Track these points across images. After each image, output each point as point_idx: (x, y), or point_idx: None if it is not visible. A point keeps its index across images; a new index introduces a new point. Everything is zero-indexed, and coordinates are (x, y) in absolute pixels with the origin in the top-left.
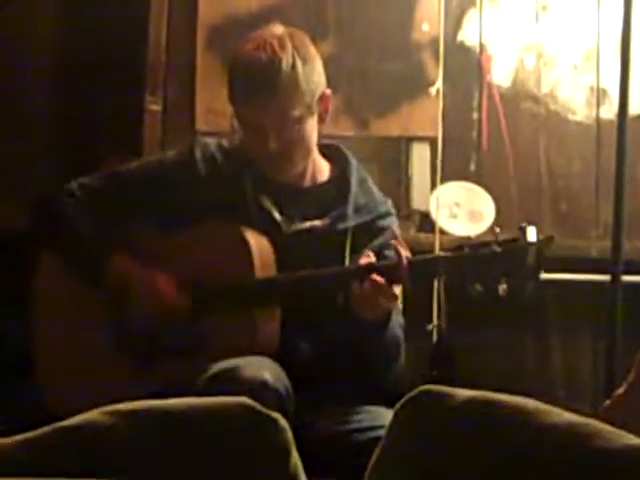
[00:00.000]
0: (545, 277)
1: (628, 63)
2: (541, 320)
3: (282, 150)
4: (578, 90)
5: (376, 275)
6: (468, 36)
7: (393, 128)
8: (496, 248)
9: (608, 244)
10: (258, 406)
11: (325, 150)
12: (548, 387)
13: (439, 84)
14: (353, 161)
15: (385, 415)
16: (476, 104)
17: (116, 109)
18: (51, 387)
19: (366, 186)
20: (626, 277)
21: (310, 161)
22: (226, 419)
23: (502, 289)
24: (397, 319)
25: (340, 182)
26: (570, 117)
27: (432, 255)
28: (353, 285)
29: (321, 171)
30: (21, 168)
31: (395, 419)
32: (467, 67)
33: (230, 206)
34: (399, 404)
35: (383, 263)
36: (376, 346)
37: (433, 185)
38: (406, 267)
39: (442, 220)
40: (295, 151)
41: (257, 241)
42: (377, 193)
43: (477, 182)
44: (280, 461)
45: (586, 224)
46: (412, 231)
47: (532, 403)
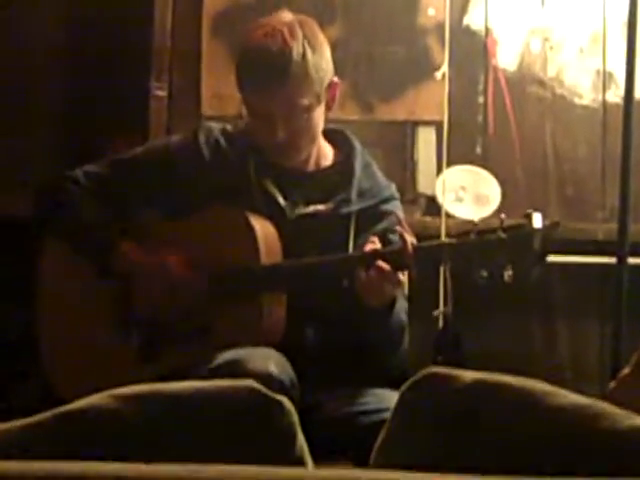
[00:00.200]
0: (551, 260)
1: (634, 46)
2: (548, 303)
3: (290, 138)
4: (584, 74)
5: (381, 261)
6: (474, 20)
7: (399, 112)
8: (502, 234)
9: (614, 227)
10: (264, 389)
11: (329, 135)
12: (555, 369)
13: (445, 68)
14: (357, 145)
15: (391, 397)
16: (482, 88)
17: (122, 95)
18: (56, 372)
19: (370, 170)
20: (632, 259)
21: (315, 146)
22: (232, 402)
23: (508, 275)
24: (402, 304)
25: (344, 167)
26: (576, 101)
27: (437, 241)
28: (358, 271)
29: (325, 156)
30: (27, 154)
31: (401, 401)
32: (473, 51)
33: (234, 191)
34: (405, 386)
35: (388, 249)
36: (381, 331)
37: (439, 169)
38: (411, 253)
39: (448, 204)
40: (302, 139)
41: (262, 227)
42: (381, 177)
43: (483, 166)
44: (286, 444)
45: (592, 207)
46: (418, 215)
47: (538, 385)
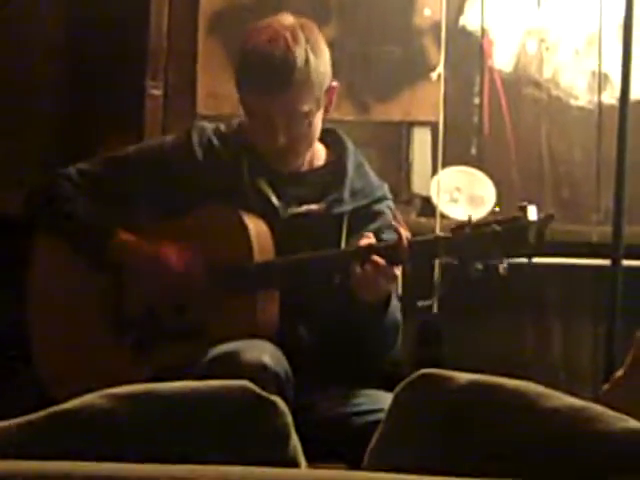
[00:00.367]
0: (546, 262)
1: (630, 48)
2: (542, 304)
3: (289, 144)
4: (580, 75)
5: (376, 256)
6: (470, 21)
7: (394, 113)
8: (496, 227)
9: (609, 229)
10: (258, 389)
11: (322, 134)
12: (548, 371)
13: (440, 69)
14: (350, 145)
15: (384, 399)
16: (477, 89)
17: (118, 94)
18: (49, 371)
19: (362, 170)
20: (626, 262)
21: (311, 148)
22: (226, 402)
23: (502, 268)
24: (396, 303)
25: (337, 166)
26: (572, 102)
27: (432, 235)
28: (353, 266)
29: (318, 155)
30: (22, 153)
31: (395, 402)
32: (469, 52)
33: (228, 190)
34: (399, 387)
35: (383, 244)
36: (376, 329)
37: (434, 170)
38: (406, 247)
39: (443, 205)
40: (302, 145)
41: (256, 225)
42: (373, 177)
43: (478, 167)
44: (279, 444)
45: (587, 209)
46: (413, 216)
47: (533, 387)
